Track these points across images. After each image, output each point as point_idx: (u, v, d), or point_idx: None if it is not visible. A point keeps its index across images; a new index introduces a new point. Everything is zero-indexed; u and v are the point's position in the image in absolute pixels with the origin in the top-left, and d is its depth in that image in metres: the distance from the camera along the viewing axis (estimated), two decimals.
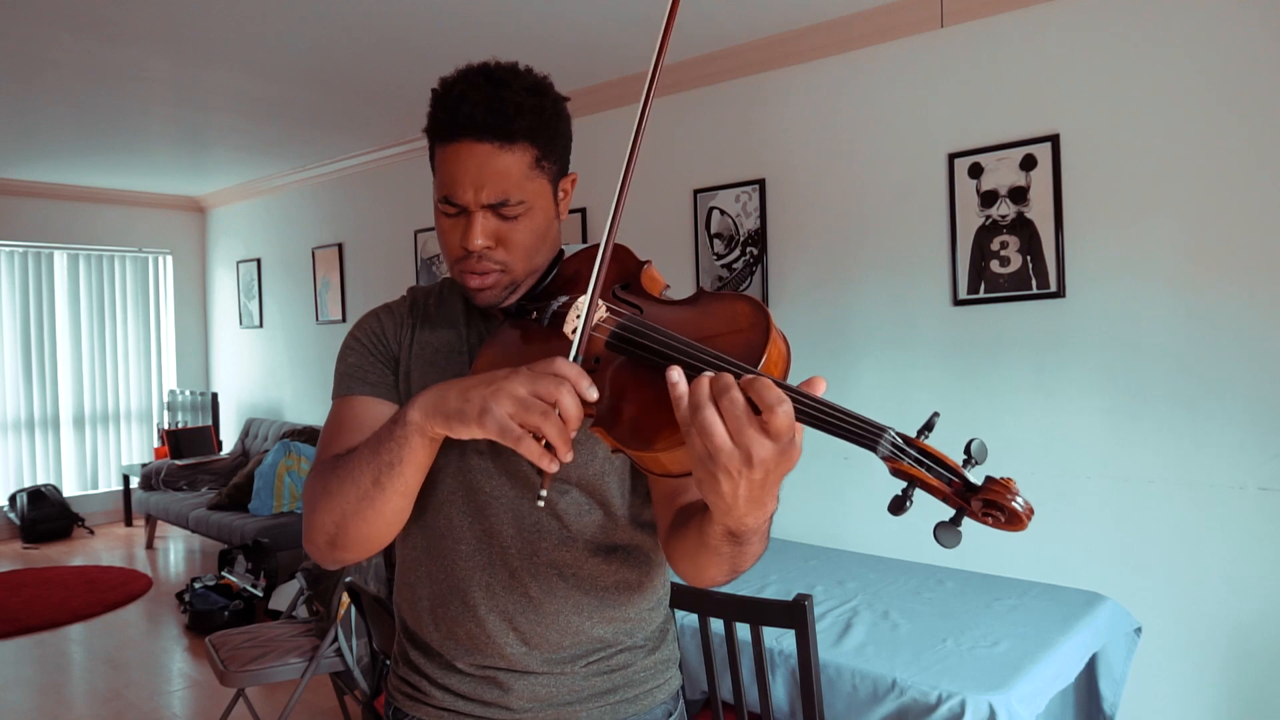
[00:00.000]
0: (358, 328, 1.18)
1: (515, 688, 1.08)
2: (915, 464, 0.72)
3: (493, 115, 0.98)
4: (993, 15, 2.98)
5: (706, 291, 0.95)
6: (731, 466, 0.72)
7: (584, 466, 1.06)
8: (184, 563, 5.73)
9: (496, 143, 0.98)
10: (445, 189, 1.01)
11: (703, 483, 0.75)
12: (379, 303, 1.26)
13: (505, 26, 3.34)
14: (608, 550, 1.10)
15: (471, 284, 1.04)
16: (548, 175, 1.04)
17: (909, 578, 2.55)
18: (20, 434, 6.61)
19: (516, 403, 0.80)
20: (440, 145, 1.02)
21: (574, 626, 1.08)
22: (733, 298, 0.91)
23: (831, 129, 3.42)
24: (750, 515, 0.77)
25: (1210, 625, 2.61)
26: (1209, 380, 2.60)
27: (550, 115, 1.03)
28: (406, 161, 5.34)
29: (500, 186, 0.99)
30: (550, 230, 1.08)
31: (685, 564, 0.95)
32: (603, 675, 1.10)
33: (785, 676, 1.98)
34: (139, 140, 5.15)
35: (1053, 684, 1.91)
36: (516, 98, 0.99)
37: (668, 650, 1.18)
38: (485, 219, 1.01)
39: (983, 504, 0.70)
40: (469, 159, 0.99)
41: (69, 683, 3.76)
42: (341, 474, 0.95)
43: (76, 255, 6.80)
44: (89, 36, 3.37)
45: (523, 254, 1.04)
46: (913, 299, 3.19)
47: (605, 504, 1.09)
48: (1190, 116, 2.62)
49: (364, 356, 1.13)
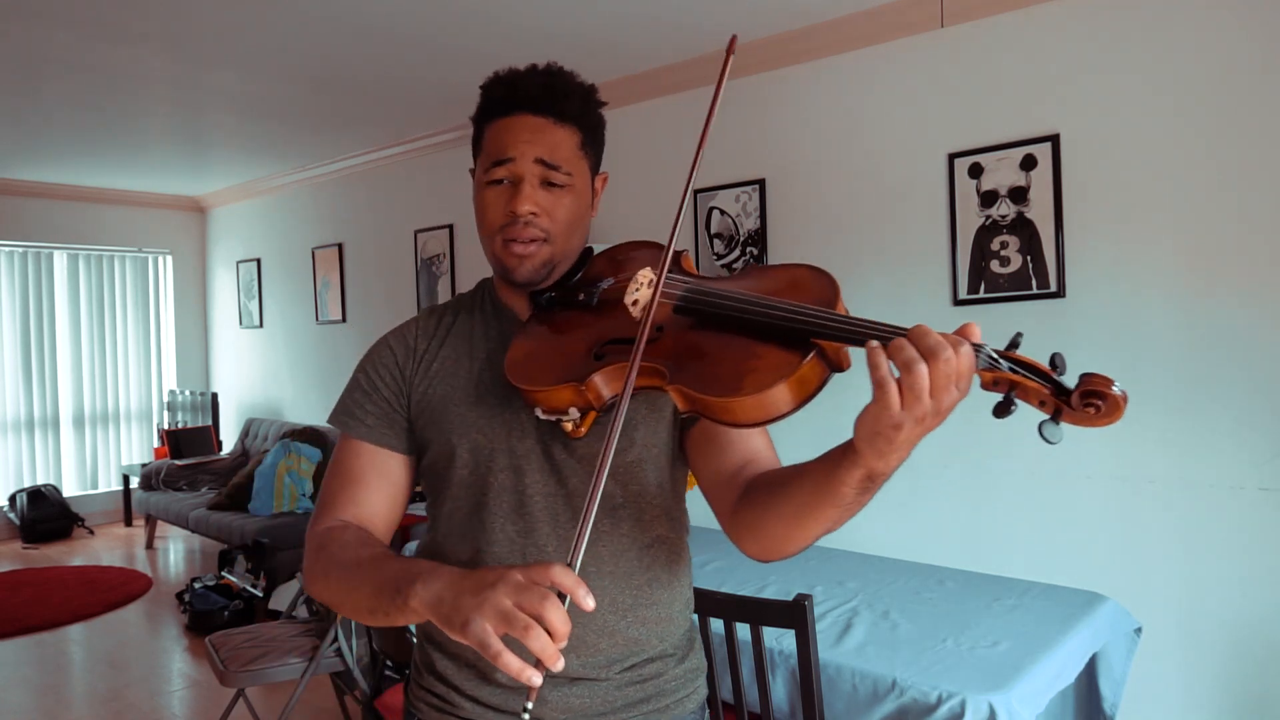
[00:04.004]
0: (367, 359, 1.18)
1: (550, 699, 1.06)
2: (1011, 370, 0.77)
3: (548, 93, 1.05)
4: (993, 15, 2.98)
5: (757, 265, 1.01)
6: (918, 414, 0.75)
7: (620, 454, 1.06)
8: (184, 563, 5.73)
9: (551, 117, 1.05)
10: (497, 153, 1.06)
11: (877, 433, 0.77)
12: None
13: (507, 26, 3.34)
14: (642, 545, 1.10)
15: (515, 251, 1.07)
16: (589, 161, 1.11)
17: (909, 578, 2.55)
18: (20, 434, 6.61)
19: (500, 617, 0.76)
20: (493, 121, 1.07)
21: (610, 626, 1.08)
22: (788, 265, 0.95)
23: (831, 129, 3.42)
24: (898, 457, 0.81)
25: (1210, 625, 2.61)
26: (1209, 380, 2.60)
27: (595, 112, 1.11)
28: (406, 161, 5.34)
29: (552, 150, 1.05)
30: (585, 216, 1.12)
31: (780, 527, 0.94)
32: (635, 685, 1.10)
33: (785, 676, 1.98)
34: (139, 140, 5.15)
35: (1053, 684, 1.91)
36: (568, 85, 1.08)
37: (696, 659, 1.19)
38: (534, 187, 1.05)
39: (1082, 395, 0.76)
40: (524, 127, 1.05)
41: (69, 683, 3.76)
42: (342, 580, 0.97)
43: (76, 255, 6.80)
44: (89, 36, 3.37)
45: (563, 229, 1.08)
46: (913, 299, 3.19)
47: (640, 494, 1.09)
48: (1190, 116, 2.61)
49: (366, 395, 1.14)
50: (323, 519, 1.08)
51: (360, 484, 1.10)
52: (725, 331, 0.88)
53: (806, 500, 0.90)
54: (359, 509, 1.09)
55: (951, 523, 3.10)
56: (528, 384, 0.98)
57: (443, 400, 1.11)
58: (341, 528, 1.06)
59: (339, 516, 1.08)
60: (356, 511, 1.09)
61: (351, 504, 1.09)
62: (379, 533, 1.10)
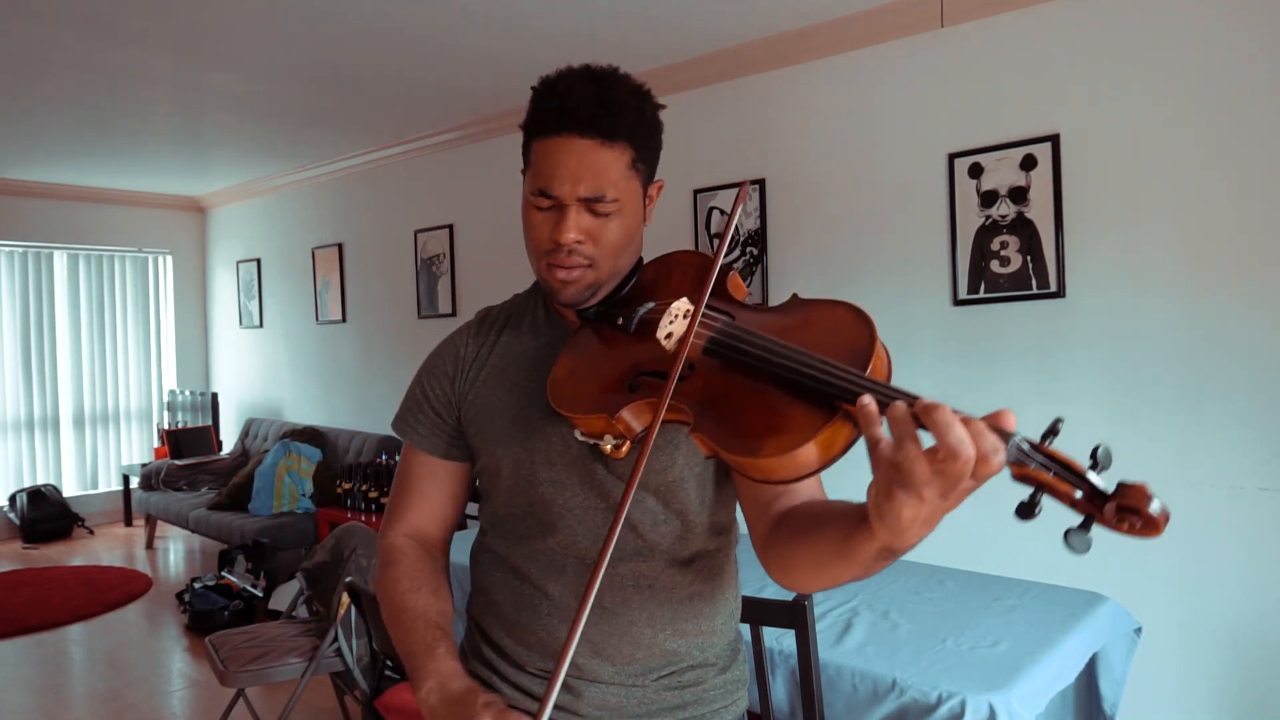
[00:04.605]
0: (424, 368, 1.22)
1: (586, 694, 1.07)
2: (1042, 468, 0.69)
3: (599, 110, 0.99)
4: (993, 15, 2.98)
5: (801, 298, 0.95)
6: (926, 494, 0.69)
7: (662, 473, 1.04)
8: (184, 563, 5.73)
9: (599, 139, 1.00)
10: (541, 181, 1.02)
11: (882, 505, 0.72)
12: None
13: (507, 26, 3.34)
14: (684, 561, 1.09)
15: (558, 276, 1.05)
16: (640, 178, 1.05)
17: (909, 578, 2.55)
18: (20, 434, 6.60)
19: None
20: (540, 139, 1.03)
21: (646, 639, 1.07)
22: (832, 304, 0.90)
23: (831, 129, 3.42)
24: (918, 535, 0.74)
25: (1210, 625, 2.61)
26: (1209, 380, 2.60)
27: (650, 119, 1.05)
28: (406, 161, 5.34)
29: (598, 182, 1.00)
30: (637, 233, 1.08)
31: (804, 571, 0.92)
32: (674, 690, 1.09)
33: (785, 676, 1.98)
34: (139, 140, 5.15)
35: (1053, 684, 1.91)
36: (621, 97, 1.01)
37: (738, 670, 1.17)
38: (579, 213, 1.02)
39: (1117, 509, 0.68)
40: (569, 153, 1.00)
41: (69, 683, 3.76)
42: (388, 619, 1.12)
43: (76, 255, 6.80)
44: (89, 36, 3.37)
45: (610, 252, 1.05)
46: (913, 299, 3.19)
47: (682, 511, 1.07)
48: (1190, 116, 2.61)
49: (419, 405, 1.19)
50: (390, 528, 1.20)
51: (417, 492, 1.20)
52: (754, 378, 0.85)
53: (831, 551, 0.86)
54: (418, 517, 1.20)
55: (951, 522, 3.09)
56: (565, 408, 0.98)
57: (489, 411, 1.12)
58: (400, 554, 1.16)
59: (402, 526, 1.20)
60: (415, 520, 1.20)
61: (411, 511, 1.20)
62: (436, 537, 1.21)
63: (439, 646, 1.02)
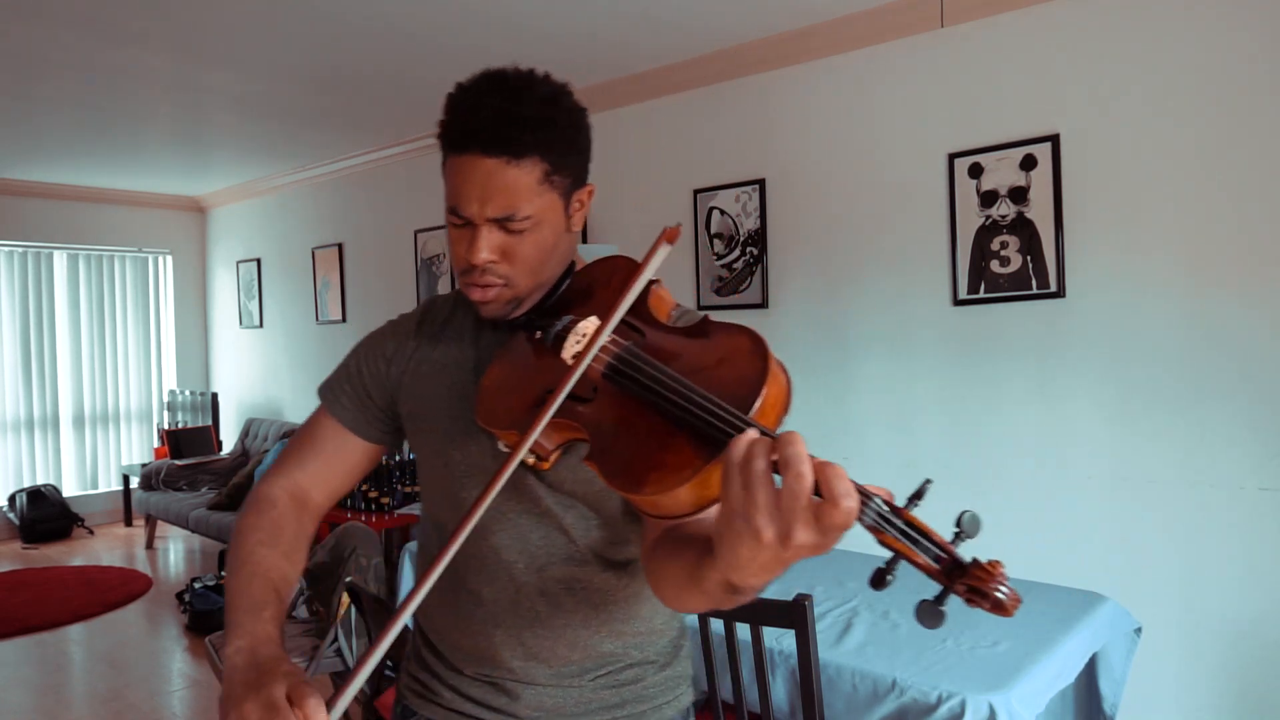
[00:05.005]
0: (363, 344, 1.21)
1: (523, 696, 1.08)
2: (900, 536, 0.65)
3: (502, 129, 0.94)
4: (993, 15, 2.98)
5: (711, 321, 0.91)
6: (764, 536, 0.65)
7: (588, 484, 1.03)
8: (184, 563, 5.73)
9: (504, 157, 0.95)
10: (451, 200, 0.99)
11: (724, 537, 0.68)
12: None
13: (507, 26, 3.34)
14: (619, 564, 1.08)
15: (474, 296, 1.03)
16: (558, 189, 1.01)
17: (909, 578, 2.54)
18: (20, 434, 6.60)
19: None
20: (449, 154, 0.99)
21: (581, 641, 1.07)
22: (735, 330, 0.87)
23: (831, 129, 3.42)
24: (759, 579, 0.70)
25: (1210, 625, 2.61)
26: (1209, 380, 2.60)
27: (564, 127, 0.99)
28: (406, 161, 5.34)
29: (506, 201, 0.96)
30: (559, 244, 1.04)
31: (668, 591, 0.89)
32: (611, 689, 1.09)
33: (785, 676, 1.98)
34: (139, 140, 5.15)
35: (1053, 684, 1.91)
36: (528, 111, 0.96)
37: (679, 667, 1.17)
38: (490, 233, 0.98)
39: (967, 588, 0.64)
40: (475, 172, 0.96)
41: (69, 683, 3.76)
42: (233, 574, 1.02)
43: (76, 255, 6.80)
44: (89, 36, 3.37)
45: (527, 269, 1.01)
46: (913, 299, 3.19)
47: (612, 519, 1.06)
48: (1190, 116, 2.61)
49: (349, 379, 1.18)
50: (274, 477, 1.15)
51: (317, 453, 1.16)
52: (647, 409, 0.82)
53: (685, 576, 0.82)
54: (307, 478, 1.16)
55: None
56: (487, 423, 0.97)
57: (427, 403, 1.11)
58: (270, 505, 1.11)
59: (285, 481, 1.15)
60: (303, 479, 1.16)
61: (301, 470, 1.16)
62: (316, 503, 1.16)
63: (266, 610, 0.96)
